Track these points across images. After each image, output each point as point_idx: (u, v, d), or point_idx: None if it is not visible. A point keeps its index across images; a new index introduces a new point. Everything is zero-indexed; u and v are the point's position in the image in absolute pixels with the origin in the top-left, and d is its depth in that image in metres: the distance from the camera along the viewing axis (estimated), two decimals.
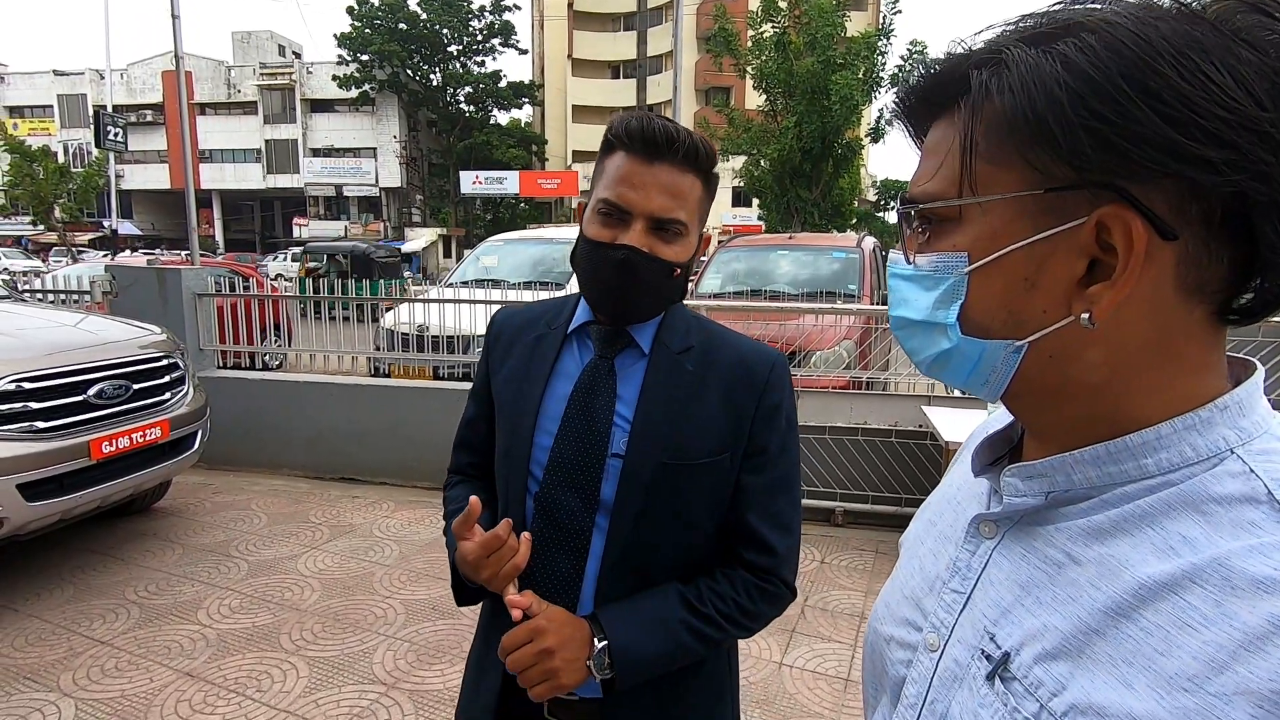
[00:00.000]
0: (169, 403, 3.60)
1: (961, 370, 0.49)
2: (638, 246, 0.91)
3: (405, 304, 5.14)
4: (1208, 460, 0.42)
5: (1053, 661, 0.43)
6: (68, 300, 5.86)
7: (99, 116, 10.34)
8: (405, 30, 35.82)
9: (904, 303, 0.51)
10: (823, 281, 5.71)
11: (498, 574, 0.88)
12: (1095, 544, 0.44)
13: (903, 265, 0.51)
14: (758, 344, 1.04)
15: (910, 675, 0.55)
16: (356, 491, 4.54)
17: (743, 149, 17.07)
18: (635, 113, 0.95)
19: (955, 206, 0.46)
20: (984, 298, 0.46)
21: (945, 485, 0.66)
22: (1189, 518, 0.41)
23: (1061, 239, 0.42)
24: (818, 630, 2.95)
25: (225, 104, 39.02)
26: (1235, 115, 0.37)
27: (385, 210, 39.13)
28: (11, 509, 2.86)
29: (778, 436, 1.00)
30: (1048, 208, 0.42)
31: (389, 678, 2.59)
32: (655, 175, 0.92)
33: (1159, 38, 0.38)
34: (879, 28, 15.71)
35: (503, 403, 1.05)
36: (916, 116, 0.52)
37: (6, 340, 3.22)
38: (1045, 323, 0.44)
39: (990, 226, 0.45)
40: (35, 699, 2.43)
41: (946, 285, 0.47)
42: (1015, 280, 0.44)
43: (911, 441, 3.99)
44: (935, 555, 0.58)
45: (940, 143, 0.48)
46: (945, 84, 0.47)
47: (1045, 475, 0.48)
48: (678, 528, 0.98)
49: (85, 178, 26.74)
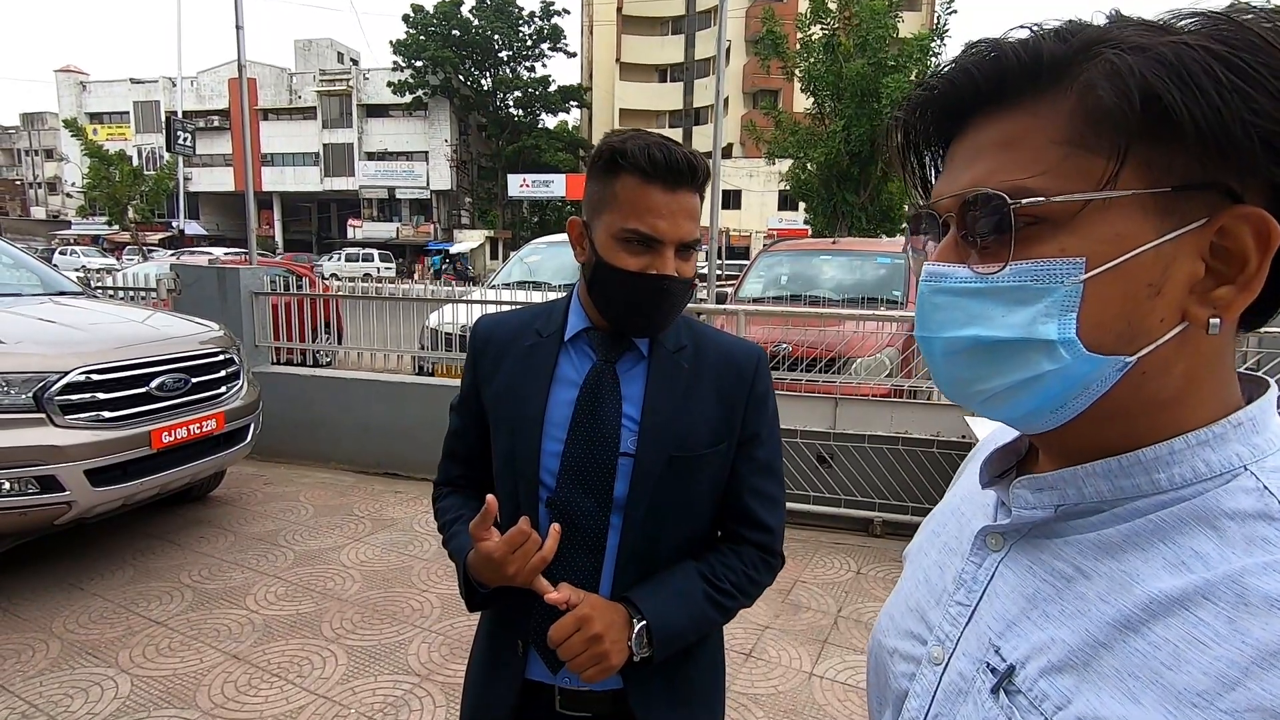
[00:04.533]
0: (224, 396, 3.76)
1: (1043, 396, 0.44)
2: (672, 274, 0.97)
3: (449, 304, 5.26)
4: (1221, 476, 0.42)
5: (1059, 675, 0.42)
6: (136, 297, 6.18)
7: (170, 122, 10.86)
8: (458, 36, 36.64)
9: (975, 320, 0.44)
10: (867, 287, 5.61)
11: (524, 569, 0.90)
12: (1105, 558, 0.44)
13: (961, 276, 0.45)
14: (740, 340, 1.13)
15: (913, 689, 0.54)
16: (399, 486, 4.66)
17: (790, 152, 16.93)
18: (644, 138, 0.96)
19: (1070, 205, 0.41)
20: (1101, 308, 0.41)
21: (950, 497, 0.65)
22: (1201, 533, 0.40)
23: (1186, 241, 0.40)
24: (850, 642, 2.91)
25: (286, 109, 40.57)
26: None
27: (435, 212, 40.05)
28: (80, 493, 3.04)
29: (766, 422, 1.09)
30: (1170, 208, 0.40)
31: (423, 669, 2.65)
32: (680, 203, 0.96)
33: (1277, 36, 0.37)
34: (933, 28, 15.38)
35: (501, 412, 1.07)
36: (953, 114, 0.46)
37: (79, 334, 3.42)
38: (1160, 333, 0.41)
39: (1113, 227, 0.40)
40: (96, 673, 2.57)
41: (1055, 296, 0.41)
42: (1139, 287, 0.40)
43: (954, 452, 3.88)
44: (940, 567, 0.58)
45: (1022, 134, 0.42)
46: (1044, 66, 0.42)
47: (1056, 488, 0.47)
48: (683, 518, 1.04)
49: (157, 180, 28.15)
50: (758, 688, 2.57)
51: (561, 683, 1.04)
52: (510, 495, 1.05)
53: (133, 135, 41.08)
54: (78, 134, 26.99)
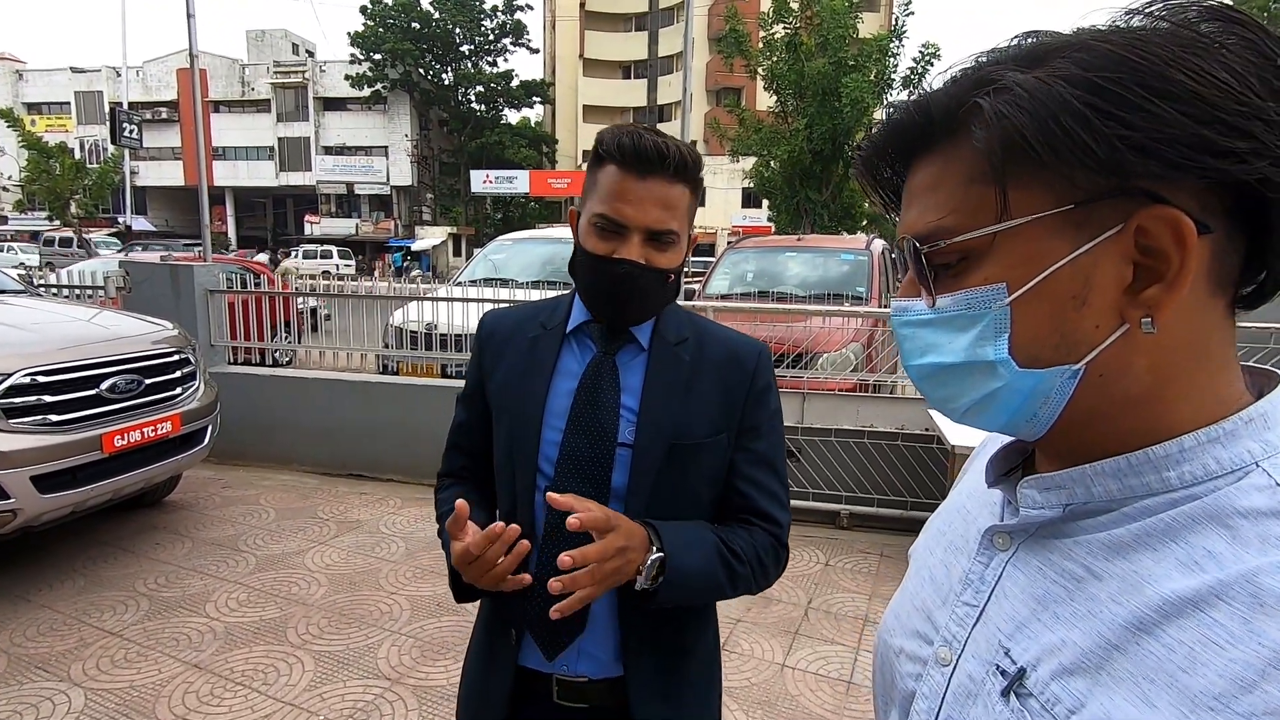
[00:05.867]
0: (180, 397, 3.64)
1: (1007, 409, 0.46)
2: (636, 259, 0.97)
3: (413, 302, 5.17)
4: (1232, 474, 0.42)
5: (1071, 677, 0.42)
6: (82, 295, 5.93)
7: (115, 113, 10.46)
8: (418, 29, 36.01)
9: (931, 349, 0.48)
10: (831, 283, 5.70)
11: (495, 569, 0.89)
12: (1116, 558, 0.43)
13: (918, 310, 0.49)
14: (744, 336, 1.12)
15: (921, 689, 0.54)
16: (364, 488, 4.57)
17: (753, 150, 17.05)
18: (625, 127, 0.98)
19: (986, 237, 0.44)
20: (1031, 325, 0.44)
21: (954, 495, 0.65)
22: (1214, 532, 0.40)
23: (1104, 249, 0.42)
24: (821, 633, 2.95)
25: (239, 102, 39.34)
26: (1247, 107, 0.38)
27: (396, 208, 39.34)
28: (25, 500, 2.90)
29: (767, 415, 1.09)
30: (1080, 221, 0.42)
31: (393, 673, 2.61)
32: (649, 190, 0.96)
33: (1155, 47, 0.39)
34: (891, 29, 15.66)
35: (504, 403, 1.08)
36: (891, 161, 0.51)
37: (22, 334, 3.27)
38: (1099, 339, 0.43)
39: (1025, 251, 0.43)
40: (46, 688, 2.46)
41: (986, 320, 0.45)
42: (1063, 300, 0.43)
43: (918, 445, 3.98)
44: (946, 567, 0.57)
45: (941, 177, 0.46)
46: (935, 120, 0.46)
47: (1064, 487, 0.47)
48: (683, 508, 1.03)
49: (100, 174, 26.99)
50: (731, 680, 2.59)
51: (559, 670, 1.03)
52: (510, 485, 1.05)
53: (74, 127, 39.33)
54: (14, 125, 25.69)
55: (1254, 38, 0.40)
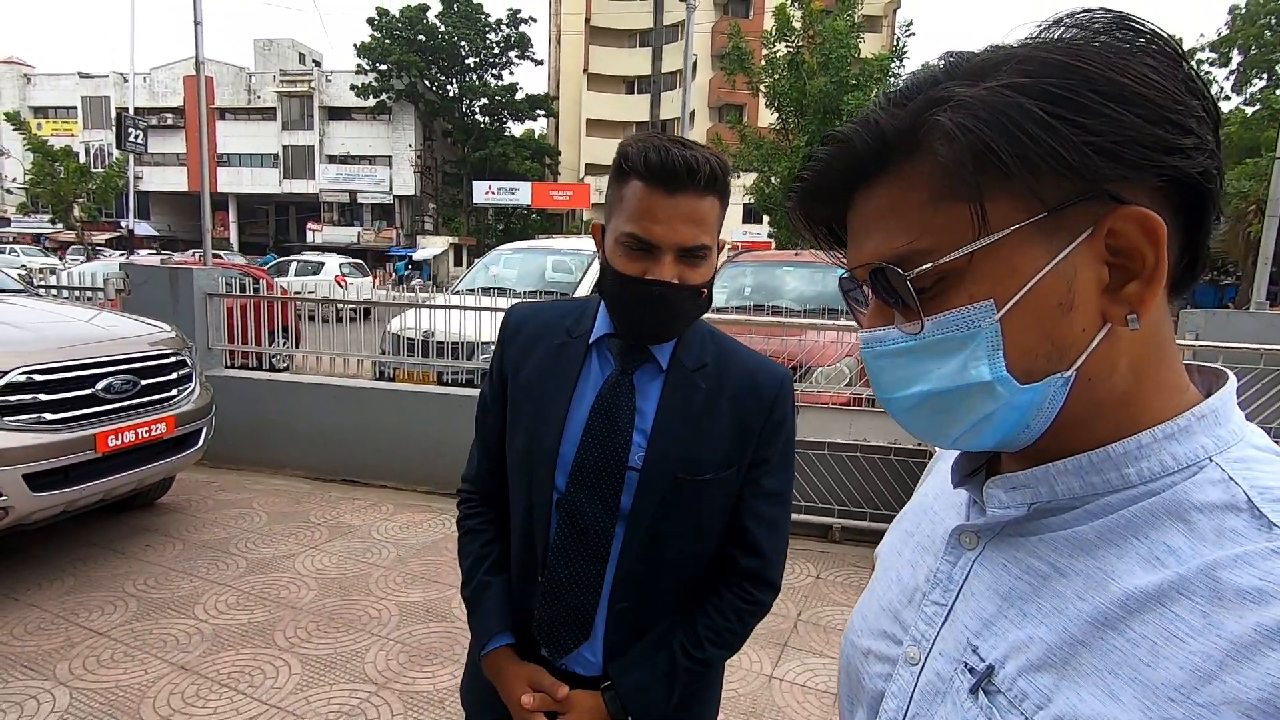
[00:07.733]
0: (175, 399, 3.64)
1: (1004, 427, 0.45)
2: (669, 280, 0.93)
3: (411, 309, 5.19)
4: (1187, 469, 0.43)
5: (1038, 673, 0.43)
6: (82, 296, 5.95)
7: (121, 119, 10.52)
8: (424, 41, 36.32)
9: (917, 378, 0.47)
10: (828, 298, 5.73)
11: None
12: (1081, 555, 0.44)
13: (895, 338, 0.47)
14: (766, 360, 1.07)
15: (889, 689, 0.54)
16: (357, 493, 4.57)
17: (754, 166, 17.19)
18: (649, 139, 0.93)
19: (963, 257, 0.43)
20: (1023, 338, 0.43)
21: (920, 496, 0.65)
22: (1173, 527, 0.41)
23: (1080, 253, 0.42)
24: (809, 645, 2.95)
25: (245, 109, 39.59)
26: (1185, 106, 0.40)
27: (398, 217, 39.48)
28: (17, 498, 2.90)
29: (779, 449, 1.06)
30: (1052, 229, 0.42)
31: (380, 677, 2.60)
32: (678, 206, 0.91)
33: (1094, 54, 0.41)
34: (893, 50, 15.84)
35: (523, 406, 1.06)
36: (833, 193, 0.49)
37: (20, 333, 3.28)
38: (1087, 341, 0.43)
39: (1005, 264, 0.42)
40: (31, 686, 2.46)
41: (978, 340, 0.44)
42: (1050, 308, 0.42)
43: (910, 459, 3.99)
44: (913, 567, 0.57)
45: (899, 201, 0.45)
46: (890, 142, 0.45)
47: (1029, 486, 0.48)
48: (688, 539, 1.02)
49: (105, 178, 27.13)
50: None
51: (574, 668, 1.05)
52: (523, 492, 1.04)
53: (80, 131, 39.59)
54: (20, 128, 25.86)
55: (1160, 44, 0.42)
